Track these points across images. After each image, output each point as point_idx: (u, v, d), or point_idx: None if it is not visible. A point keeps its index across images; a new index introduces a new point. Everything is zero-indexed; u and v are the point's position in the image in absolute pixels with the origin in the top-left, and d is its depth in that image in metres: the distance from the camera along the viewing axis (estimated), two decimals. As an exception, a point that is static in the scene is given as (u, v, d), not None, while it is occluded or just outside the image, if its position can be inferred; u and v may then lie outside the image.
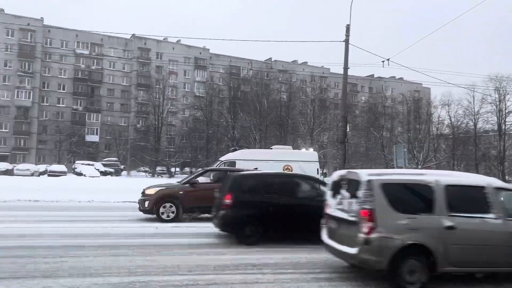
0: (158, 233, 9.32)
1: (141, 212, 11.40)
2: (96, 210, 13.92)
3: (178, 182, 12.53)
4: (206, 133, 64.43)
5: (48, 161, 60.95)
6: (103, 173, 44.48)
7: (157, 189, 11.53)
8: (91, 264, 6.09)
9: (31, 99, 65.51)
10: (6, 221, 10.33)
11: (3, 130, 63.84)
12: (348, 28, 20.73)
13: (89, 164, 46.95)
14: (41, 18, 66.98)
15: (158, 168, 59.78)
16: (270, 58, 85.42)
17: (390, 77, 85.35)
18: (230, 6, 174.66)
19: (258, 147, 64.18)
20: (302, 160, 15.75)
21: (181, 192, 11.26)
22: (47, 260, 6.27)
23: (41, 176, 40.34)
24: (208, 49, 78.77)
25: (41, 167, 46.54)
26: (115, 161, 55.15)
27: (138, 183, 28.41)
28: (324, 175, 38.21)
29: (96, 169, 44.26)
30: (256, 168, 13.19)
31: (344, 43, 21.28)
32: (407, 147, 29.69)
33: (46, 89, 67.96)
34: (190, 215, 11.68)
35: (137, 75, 73.65)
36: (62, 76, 69.29)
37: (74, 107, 69.82)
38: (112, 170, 48.63)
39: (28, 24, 65.19)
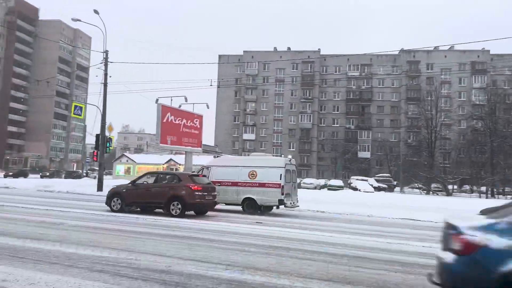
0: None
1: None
2: (374, 225, 14.27)
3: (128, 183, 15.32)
4: (489, 146, 55.90)
5: (326, 176, 67.56)
6: (377, 189, 45.28)
7: (112, 187, 15.55)
8: (378, 277, 6.13)
9: (311, 122, 74.84)
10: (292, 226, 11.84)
11: (291, 149, 75.38)
12: None
13: (363, 180, 48.85)
14: (318, 49, 75.98)
15: (433, 185, 55.92)
16: None
17: None
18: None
19: None
20: (267, 166, 16.18)
21: (124, 190, 14.29)
22: (339, 267, 6.74)
23: (321, 189, 44.86)
24: (488, 51, 69.03)
25: (321, 181, 52.00)
26: (388, 177, 55.34)
27: (411, 200, 27.32)
28: None
29: (370, 185, 45.48)
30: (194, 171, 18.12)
31: None
32: None
33: (323, 111, 76.19)
34: (129, 208, 14.10)
35: (406, 90, 72.37)
36: (336, 99, 76.04)
37: (347, 126, 75.10)
38: (385, 186, 49.02)
39: (308, 57, 75.36)
